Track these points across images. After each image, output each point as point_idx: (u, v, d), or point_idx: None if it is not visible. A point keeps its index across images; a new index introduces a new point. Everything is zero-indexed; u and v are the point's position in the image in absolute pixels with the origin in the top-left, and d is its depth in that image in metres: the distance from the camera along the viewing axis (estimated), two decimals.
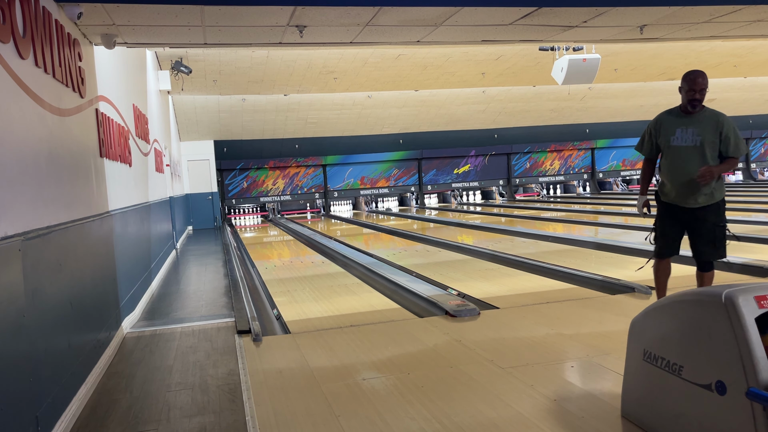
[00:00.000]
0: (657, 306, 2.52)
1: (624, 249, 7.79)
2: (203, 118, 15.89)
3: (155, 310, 5.98)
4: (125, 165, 6.03)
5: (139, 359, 4.28)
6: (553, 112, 19.15)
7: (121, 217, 5.39)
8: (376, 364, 3.78)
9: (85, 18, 4.17)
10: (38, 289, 2.86)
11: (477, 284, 6.23)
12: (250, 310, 5.35)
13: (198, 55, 11.08)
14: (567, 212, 14.95)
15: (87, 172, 4.23)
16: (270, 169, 19.02)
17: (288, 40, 5.26)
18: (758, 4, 5.23)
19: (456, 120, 18.86)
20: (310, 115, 16.86)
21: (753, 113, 21.63)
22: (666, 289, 4.37)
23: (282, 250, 11.36)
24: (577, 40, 6.36)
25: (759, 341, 2.05)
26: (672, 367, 2.36)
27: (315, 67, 12.66)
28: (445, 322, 4.64)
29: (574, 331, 4.23)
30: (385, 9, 4.55)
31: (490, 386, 3.25)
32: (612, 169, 21.90)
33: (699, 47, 13.67)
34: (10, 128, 2.74)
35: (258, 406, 3.16)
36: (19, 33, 2.94)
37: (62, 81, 3.72)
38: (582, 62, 10.96)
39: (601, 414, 2.79)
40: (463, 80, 15.11)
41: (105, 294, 4.46)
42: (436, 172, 20.44)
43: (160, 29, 4.77)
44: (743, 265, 6.01)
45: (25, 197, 2.85)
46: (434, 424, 2.80)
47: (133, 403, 3.41)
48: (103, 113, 5.04)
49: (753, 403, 2.00)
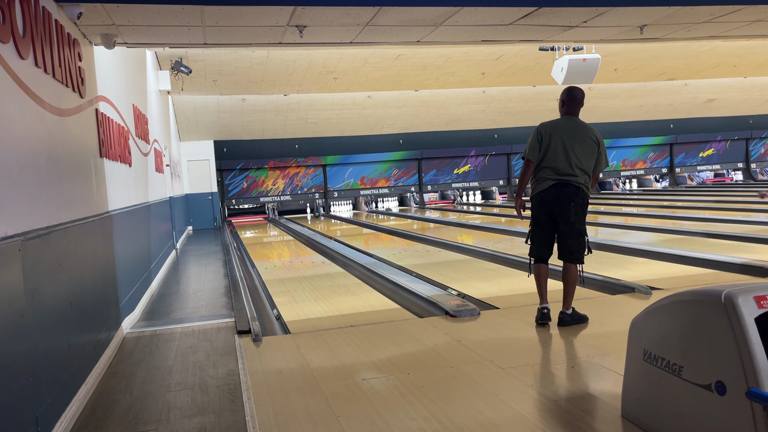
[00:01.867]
0: (657, 306, 2.52)
1: (624, 249, 7.79)
2: (203, 118, 15.89)
3: (155, 311, 5.98)
4: (125, 165, 6.03)
5: (139, 359, 4.28)
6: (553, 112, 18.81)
7: (121, 217, 5.39)
8: (376, 364, 3.78)
9: (85, 18, 4.17)
10: (38, 289, 2.86)
11: (477, 284, 6.22)
12: (250, 310, 5.35)
13: (198, 55, 11.08)
14: None
15: (87, 172, 4.23)
16: (270, 169, 19.02)
17: (288, 40, 5.26)
18: (758, 4, 5.23)
19: (456, 120, 18.86)
20: (310, 115, 16.86)
21: (753, 113, 21.64)
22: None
23: (282, 250, 11.36)
24: (577, 40, 6.36)
25: (759, 341, 2.05)
26: (672, 367, 2.36)
27: (315, 67, 12.66)
28: (445, 323, 4.64)
29: (574, 331, 4.23)
30: (385, 9, 4.56)
31: (490, 386, 3.25)
32: (612, 169, 21.89)
33: (699, 47, 13.67)
34: (10, 128, 2.74)
35: (258, 406, 3.16)
36: (19, 33, 2.94)
37: (62, 81, 3.72)
38: (582, 62, 10.96)
39: (601, 414, 2.80)
40: (463, 80, 15.11)
41: (105, 294, 4.46)
42: (436, 172, 20.44)
43: (160, 29, 4.77)
44: (743, 265, 6.01)
45: (25, 197, 2.85)
46: (434, 424, 2.80)
47: (133, 403, 3.41)
48: (103, 113, 5.04)
49: (753, 403, 2.00)
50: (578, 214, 4.21)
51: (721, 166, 22.69)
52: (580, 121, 4.36)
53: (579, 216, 4.22)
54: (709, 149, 22.43)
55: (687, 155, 22.30)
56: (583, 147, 4.23)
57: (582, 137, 4.25)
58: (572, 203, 4.18)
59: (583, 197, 4.22)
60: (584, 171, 4.23)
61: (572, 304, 4.35)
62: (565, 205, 4.19)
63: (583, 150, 4.23)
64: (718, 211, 12.18)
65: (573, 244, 4.24)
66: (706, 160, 22.50)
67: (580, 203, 4.21)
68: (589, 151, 4.23)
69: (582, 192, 4.21)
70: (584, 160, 4.22)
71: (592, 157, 4.25)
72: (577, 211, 4.20)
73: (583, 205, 4.25)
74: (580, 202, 4.21)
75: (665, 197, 17.41)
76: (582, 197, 4.22)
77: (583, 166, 4.22)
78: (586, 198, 4.27)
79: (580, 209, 4.22)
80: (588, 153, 4.23)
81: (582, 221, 4.26)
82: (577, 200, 4.19)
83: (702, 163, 22.48)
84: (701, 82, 17.82)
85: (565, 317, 4.28)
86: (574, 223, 4.20)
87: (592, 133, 4.28)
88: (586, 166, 4.23)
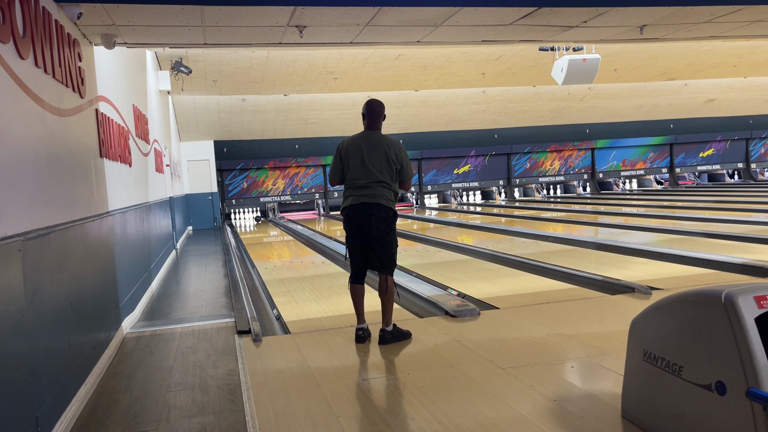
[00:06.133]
0: (657, 306, 2.52)
1: (624, 249, 7.79)
2: (203, 118, 15.89)
3: (155, 311, 5.98)
4: (125, 165, 6.03)
5: (139, 359, 4.28)
6: (553, 112, 19.15)
7: (121, 218, 5.39)
8: (376, 364, 3.78)
9: (85, 18, 4.17)
10: (38, 289, 2.86)
11: (477, 284, 6.22)
12: (250, 310, 5.35)
13: (198, 55, 11.08)
14: (567, 212, 14.95)
15: (87, 172, 4.23)
16: (270, 169, 19.02)
17: (288, 40, 5.27)
18: (758, 4, 5.23)
19: (456, 120, 18.86)
20: (310, 116, 16.86)
21: (753, 113, 21.64)
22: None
23: (282, 251, 11.35)
24: (577, 40, 6.36)
25: (759, 341, 2.05)
26: (672, 367, 2.36)
27: (315, 68, 12.66)
28: (445, 323, 4.64)
29: (574, 331, 4.23)
30: (385, 9, 4.56)
31: (490, 386, 3.25)
32: (612, 169, 21.89)
33: (699, 47, 13.67)
34: (10, 128, 2.74)
35: (258, 406, 3.16)
36: (19, 33, 2.94)
37: (62, 81, 3.72)
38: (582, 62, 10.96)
39: (601, 414, 2.79)
40: (463, 80, 15.11)
41: (105, 294, 4.46)
42: (436, 172, 20.44)
43: (160, 29, 4.77)
44: (743, 265, 6.01)
45: (25, 197, 2.85)
46: (434, 425, 2.80)
47: (133, 403, 3.41)
48: (103, 113, 5.04)
49: (753, 403, 2.00)
50: (380, 227, 4.14)
51: (721, 166, 22.70)
52: (378, 135, 4.27)
53: (381, 229, 4.15)
54: (709, 149, 22.43)
55: (687, 155, 22.30)
56: (380, 160, 4.15)
57: (377, 150, 4.17)
58: (372, 218, 4.12)
59: (384, 211, 4.15)
60: (384, 184, 4.15)
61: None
62: (366, 221, 4.14)
63: (380, 163, 4.15)
64: (718, 211, 12.18)
65: (381, 254, 4.18)
66: (706, 160, 22.50)
67: (381, 216, 4.14)
68: (384, 164, 4.15)
69: (381, 207, 4.14)
70: (380, 173, 4.14)
71: (390, 170, 4.18)
72: (378, 225, 4.14)
73: (386, 218, 4.16)
74: (382, 216, 4.14)
75: (665, 197, 17.41)
76: (383, 211, 4.14)
77: (381, 179, 4.15)
78: (389, 211, 4.18)
79: (382, 222, 4.15)
80: (384, 166, 4.15)
81: (387, 233, 4.18)
82: (377, 214, 4.12)
83: (702, 163, 22.49)
84: (701, 82, 17.82)
85: (385, 335, 4.19)
86: (378, 236, 4.15)
87: (390, 146, 4.20)
88: (386, 178, 4.16)
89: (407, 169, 4.27)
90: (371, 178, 4.16)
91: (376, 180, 4.15)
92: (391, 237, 4.22)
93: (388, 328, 4.22)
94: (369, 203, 4.14)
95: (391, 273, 4.24)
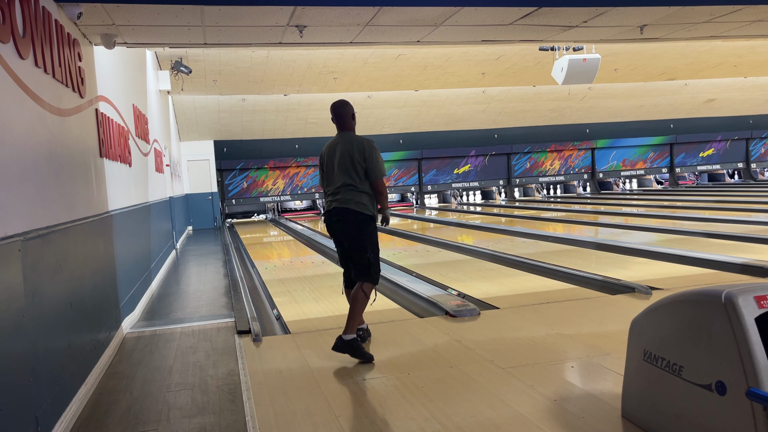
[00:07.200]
0: (657, 306, 2.52)
1: (624, 249, 7.79)
2: (203, 118, 15.89)
3: (155, 311, 5.98)
4: (125, 165, 6.03)
5: (139, 359, 4.28)
6: (553, 112, 19.15)
7: (121, 217, 5.39)
8: (376, 364, 3.78)
9: (85, 18, 4.17)
10: (38, 289, 2.86)
11: (477, 284, 6.22)
12: (250, 310, 5.35)
13: (198, 55, 11.08)
14: (567, 212, 14.95)
15: (87, 172, 4.23)
16: (270, 169, 19.02)
17: (288, 40, 5.27)
18: (758, 4, 5.23)
19: (456, 120, 18.86)
20: (310, 115, 16.85)
21: (753, 113, 21.63)
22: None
23: (282, 250, 11.35)
24: (577, 40, 6.36)
25: (759, 341, 2.05)
26: (672, 367, 2.36)
27: (315, 67, 12.66)
28: (445, 323, 4.64)
29: (574, 331, 4.23)
30: (385, 9, 4.56)
31: (490, 386, 3.25)
32: (612, 169, 21.90)
33: (699, 47, 13.67)
34: (10, 128, 2.74)
35: (258, 406, 3.16)
36: (18, 33, 2.94)
37: (62, 81, 3.72)
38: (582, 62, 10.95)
39: (601, 414, 2.79)
40: (463, 80, 15.11)
41: (105, 294, 4.46)
42: (436, 172, 20.44)
43: (160, 29, 4.77)
44: (743, 265, 6.01)
45: (25, 197, 2.85)
46: (434, 424, 2.80)
47: (133, 403, 3.40)
48: (103, 113, 5.04)
49: (753, 403, 2.00)
50: (349, 233, 4.03)
51: (721, 166, 22.70)
52: (346, 135, 4.11)
53: (351, 234, 4.03)
54: (710, 149, 22.43)
55: (687, 155, 22.30)
56: (344, 162, 4.00)
57: (343, 152, 4.01)
58: (340, 223, 4.04)
59: (353, 215, 3.98)
60: (351, 187, 3.99)
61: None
62: (341, 225, 4.06)
63: (344, 166, 4.00)
64: (718, 211, 12.18)
65: (355, 259, 4.06)
66: (706, 160, 22.50)
67: (350, 221, 4.00)
68: (349, 165, 3.98)
69: (350, 211, 3.98)
70: (347, 176, 3.99)
71: (355, 171, 3.99)
72: (347, 230, 4.03)
73: (354, 223, 3.99)
74: (350, 220, 4.00)
75: (665, 197, 17.41)
76: (351, 215, 3.98)
77: (348, 182, 3.99)
78: (358, 215, 3.99)
79: (351, 226, 4.01)
80: (349, 167, 3.98)
81: (358, 238, 4.01)
82: (345, 219, 4.01)
83: (702, 163, 22.49)
84: (701, 82, 17.82)
85: (338, 341, 3.84)
86: (354, 240, 4.03)
87: (354, 144, 4.01)
88: (353, 180, 3.98)
89: (373, 165, 3.99)
90: (339, 181, 4.02)
91: (344, 183, 4.00)
92: (364, 241, 4.01)
93: (345, 337, 3.83)
94: (338, 208, 4.02)
95: (370, 280, 4.00)
